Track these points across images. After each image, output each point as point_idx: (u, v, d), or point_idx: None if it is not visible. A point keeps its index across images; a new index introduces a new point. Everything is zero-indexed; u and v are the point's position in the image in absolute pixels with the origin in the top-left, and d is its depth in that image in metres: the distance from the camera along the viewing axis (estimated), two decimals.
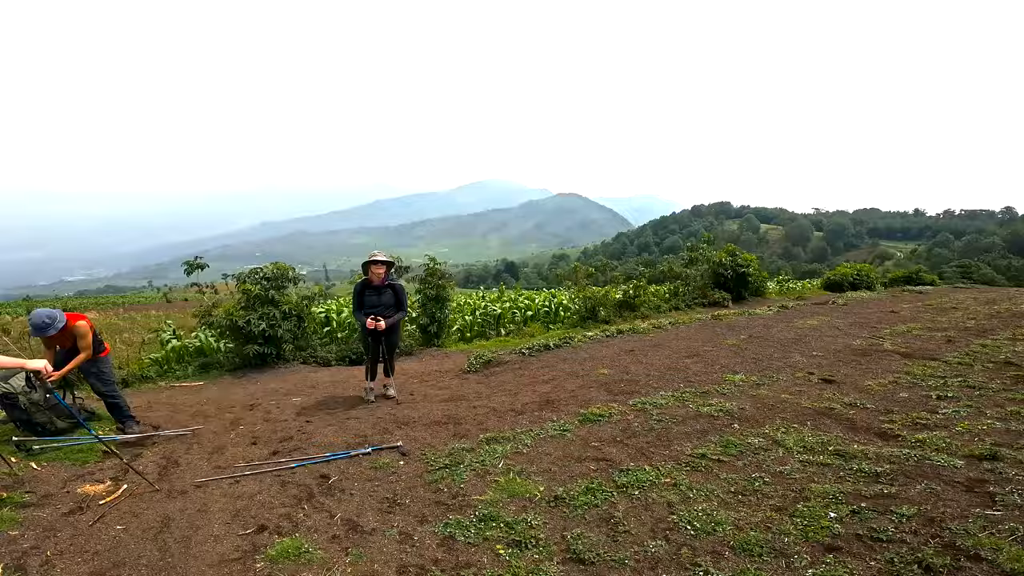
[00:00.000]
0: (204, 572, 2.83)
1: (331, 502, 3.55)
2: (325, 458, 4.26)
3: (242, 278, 8.44)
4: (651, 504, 3.21)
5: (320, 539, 3.10)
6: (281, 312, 8.26)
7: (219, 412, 5.97)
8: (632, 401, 5.16)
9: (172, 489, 3.88)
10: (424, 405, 5.66)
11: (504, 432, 4.55)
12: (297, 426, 5.18)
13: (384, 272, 5.66)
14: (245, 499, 3.65)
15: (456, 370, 7.43)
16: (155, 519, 3.42)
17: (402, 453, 4.29)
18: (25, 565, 2.91)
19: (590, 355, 7.43)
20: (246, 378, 7.92)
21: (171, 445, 4.85)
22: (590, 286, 11.22)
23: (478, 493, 3.49)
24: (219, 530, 3.26)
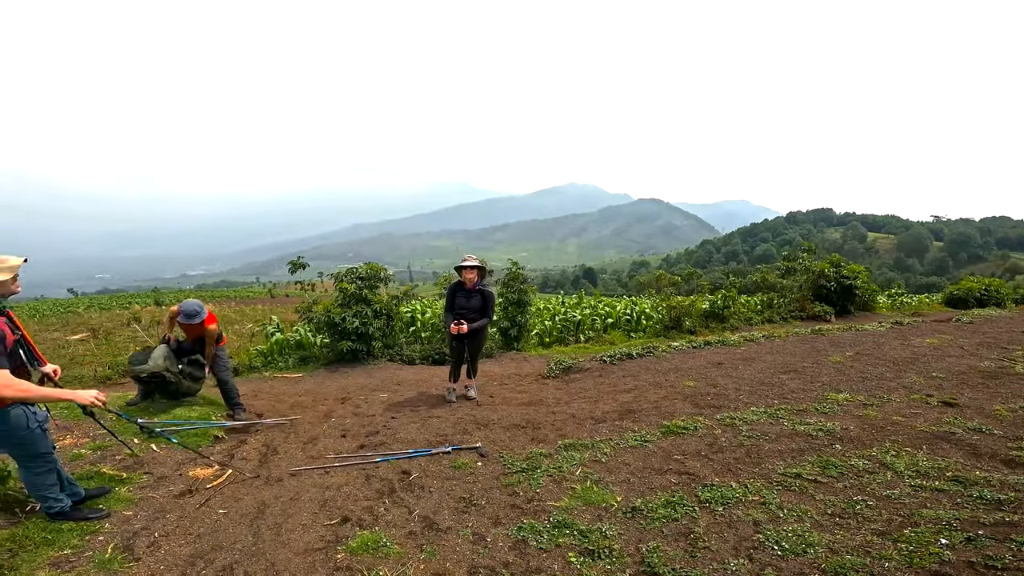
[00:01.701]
0: (290, 560, 2.97)
1: (410, 498, 3.63)
2: (408, 455, 4.37)
3: (339, 277, 8.95)
4: (735, 522, 3.06)
5: (397, 534, 3.18)
6: (373, 310, 8.65)
7: (314, 403, 6.32)
8: (719, 415, 4.92)
9: (270, 476, 4.11)
10: (503, 408, 5.68)
11: (583, 439, 4.48)
12: (383, 422, 5.37)
13: (475, 277, 5.73)
14: (332, 490, 3.81)
15: (535, 375, 7.42)
16: (252, 505, 3.63)
17: (481, 454, 4.33)
18: (133, 545, 3.13)
19: (674, 366, 7.15)
20: (339, 372, 8.34)
21: (272, 433, 5.17)
22: (674, 295, 10.80)
23: (553, 499, 3.46)
24: (307, 519, 3.41)
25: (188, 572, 2.86)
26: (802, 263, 13.21)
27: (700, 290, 12.39)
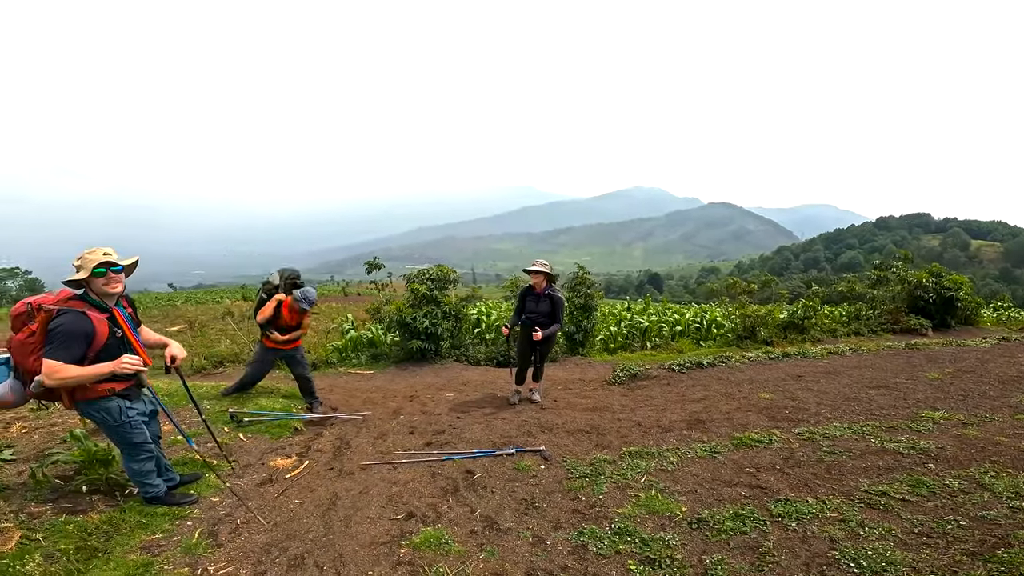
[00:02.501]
0: (356, 552, 3.06)
1: (473, 497, 3.67)
2: (472, 454, 4.43)
3: (410, 278, 9.23)
4: (809, 537, 2.93)
5: (459, 532, 3.22)
6: (442, 311, 8.86)
7: (384, 400, 6.54)
8: (798, 429, 4.68)
9: (342, 469, 4.26)
10: (567, 412, 5.64)
11: (648, 447, 4.40)
12: (449, 421, 5.46)
13: (543, 281, 5.71)
14: (400, 485, 3.91)
15: (599, 380, 7.33)
16: (325, 496, 3.78)
17: (544, 457, 4.32)
18: (217, 532, 3.28)
19: (749, 377, 6.83)
20: (407, 370, 8.58)
21: (345, 427, 5.38)
22: (749, 303, 10.29)
23: (616, 506, 3.41)
24: (375, 513, 3.51)
25: (263, 560, 2.99)
26: (896, 272, 12.21)
27: (778, 299, 11.74)
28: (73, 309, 3.05)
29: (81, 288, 3.14)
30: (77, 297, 3.13)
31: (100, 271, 3.08)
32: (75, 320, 3.02)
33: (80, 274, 3.07)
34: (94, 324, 3.06)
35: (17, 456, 4.23)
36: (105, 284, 3.12)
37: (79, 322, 3.02)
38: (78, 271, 3.08)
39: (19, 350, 3.12)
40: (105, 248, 3.16)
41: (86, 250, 3.14)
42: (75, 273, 3.10)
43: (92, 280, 3.10)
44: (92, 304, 3.12)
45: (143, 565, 2.89)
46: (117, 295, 3.22)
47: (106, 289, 3.13)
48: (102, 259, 3.10)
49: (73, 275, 3.10)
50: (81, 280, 3.10)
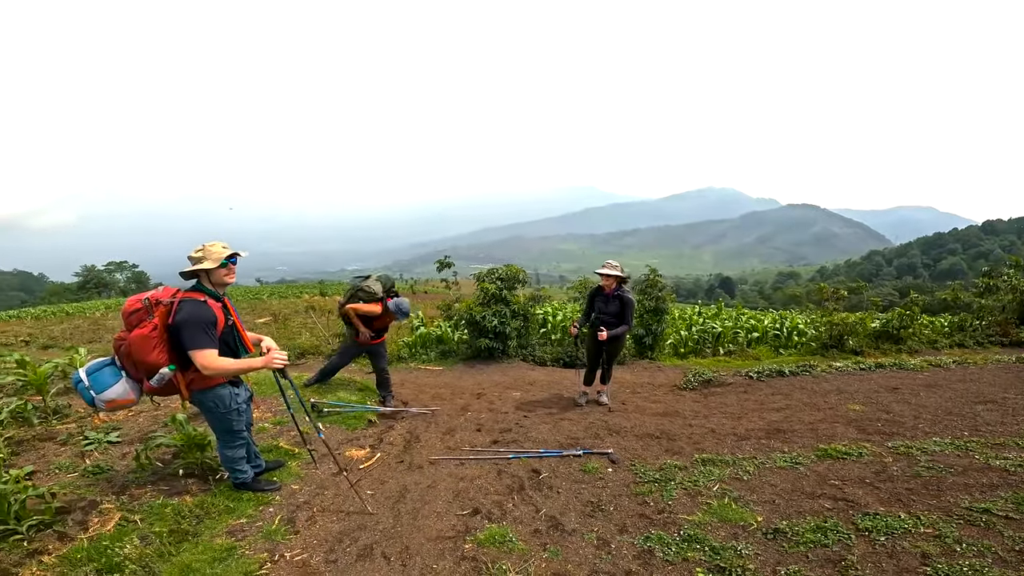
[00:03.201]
0: (422, 545, 3.12)
1: (539, 497, 3.67)
2: (539, 454, 4.42)
3: (481, 277, 9.36)
4: (898, 552, 2.77)
5: (523, 531, 3.23)
6: (511, 311, 8.92)
7: (452, 396, 6.65)
8: (891, 443, 4.36)
9: (412, 463, 4.37)
10: (636, 416, 5.53)
11: (723, 455, 4.24)
12: (515, 419, 5.48)
13: (612, 283, 5.64)
14: (466, 481, 3.95)
15: (669, 385, 7.11)
16: (396, 488, 3.88)
17: (612, 460, 4.26)
18: (295, 518, 3.42)
19: (836, 387, 6.39)
20: (475, 368, 8.70)
21: (415, 421, 5.52)
22: (838, 310, 9.59)
23: (686, 512, 3.33)
24: (442, 507, 3.57)
25: (335, 548, 3.10)
26: (1007, 280, 10.99)
27: (869, 307, 10.88)
28: (194, 299, 3.15)
29: (193, 279, 3.26)
30: (192, 288, 3.24)
31: (225, 262, 3.20)
32: (200, 309, 3.11)
33: (206, 264, 3.15)
34: (215, 313, 3.16)
35: (122, 439, 4.58)
36: (225, 275, 3.25)
37: (204, 311, 3.11)
38: (200, 262, 3.16)
39: (141, 346, 3.09)
40: (221, 242, 3.27)
41: (206, 243, 3.25)
42: (196, 264, 3.17)
43: (214, 271, 3.20)
44: (208, 294, 3.22)
45: (227, 550, 3.03)
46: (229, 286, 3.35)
47: (225, 279, 3.26)
48: (227, 252, 3.22)
49: (195, 266, 3.18)
50: (196, 271, 3.19)
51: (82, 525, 3.22)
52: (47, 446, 4.45)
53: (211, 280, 3.25)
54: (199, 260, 3.17)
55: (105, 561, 2.85)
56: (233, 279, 3.33)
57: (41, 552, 2.96)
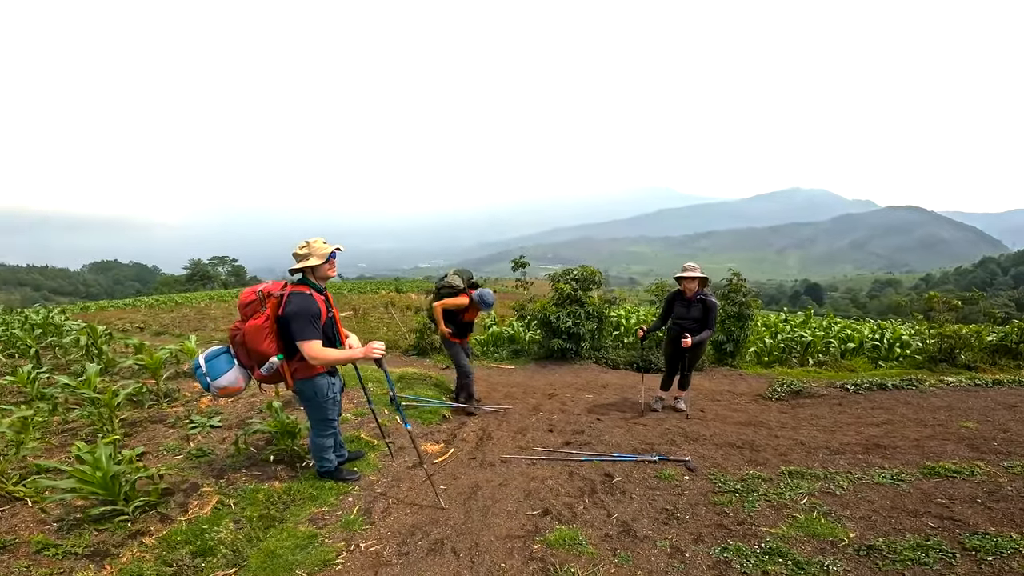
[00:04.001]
0: (491, 543, 3.11)
1: (611, 501, 3.59)
2: (612, 457, 4.33)
3: (555, 277, 9.34)
4: (1006, 572, 2.54)
5: (593, 534, 3.16)
6: (585, 312, 8.83)
7: (524, 396, 6.66)
8: (1008, 463, 3.90)
9: (484, 460, 4.40)
10: (716, 424, 5.28)
11: (813, 469, 3.96)
12: (588, 422, 5.40)
13: (695, 287, 5.43)
14: (537, 481, 3.93)
15: (752, 394, 6.74)
16: (468, 485, 3.91)
17: (689, 468, 4.10)
18: (372, 509, 3.52)
19: (946, 403, 5.78)
20: (547, 368, 8.68)
21: (487, 419, 5.57)
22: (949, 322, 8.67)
23: (769, 525, 3.15)
24: (512, 506, 3.56)
25: (407, 541, 3.16)
26: None
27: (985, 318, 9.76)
28: (302, 292, 3.31)
29: (299, 273, 3.43)
30: (299, 282, 3.42)
31: (328, 257, 3.37)
32: (307, 302, 3.26)
33: (312, 260, 3.31)
34: (319, 305, 3.33)
35: (223, 423, 4.93)
36: (328, 269, 3.42)
37: (311, 303, 3.27)
38: (306, 258, 3.32)
39: (254, 335, 3.27)
40: (322, 238, 3.43)
41: (310, 239, 3.40)
42: (302, 260, 3.33)
43: (319, 266, 3.36)
44: (313, 287, 3.39)
45: (308, 537, 3.17)
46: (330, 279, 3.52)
47: (328, 274, 3.44)
48: (331, 249, 3.38)
49: (301, 262, 3.33)
50: (302, 266, 3.34)
51: (183, 507, 3.44)
52: (157, 428, 4.86)
53: (315, 275, 3.41)
54: (305, 256, 3.33)
55: (200, 544, 3.03)
56: (334, 273, 3.50)
57: (143, 533, 3.15)
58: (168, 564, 2.89)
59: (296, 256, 3.38)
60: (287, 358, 3.37)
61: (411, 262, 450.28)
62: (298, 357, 3.33)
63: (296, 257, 3.38)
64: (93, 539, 3.09)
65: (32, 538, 3.06)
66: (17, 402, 5.34)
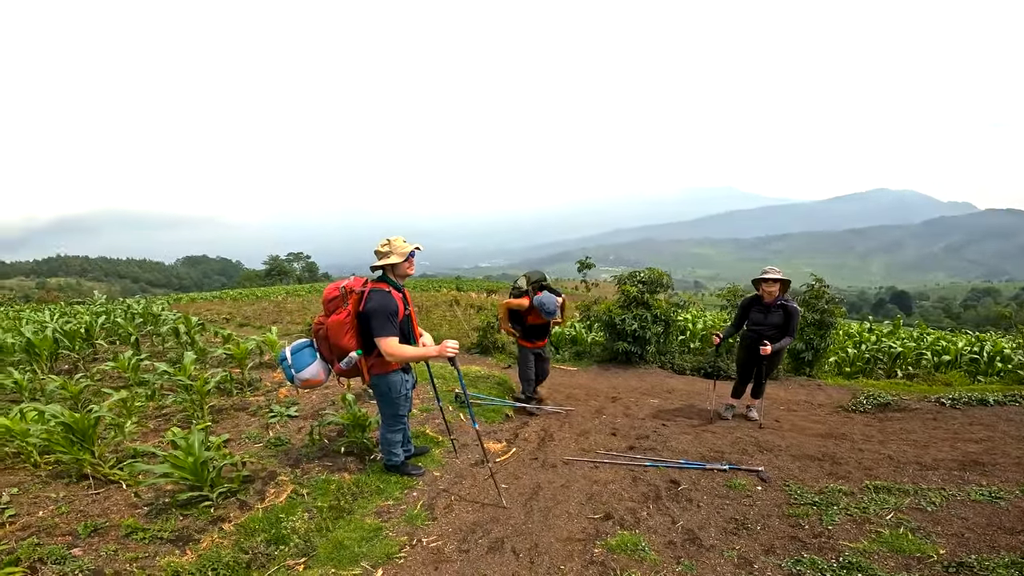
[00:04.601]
0: (551, 545, 3.08)
1: (676, 508, 3.50)
2: (678, 464, 4.21)
3: (622, 279, 9.19)
4: None
5: (657, 541, 3.09)
6: (652, 315, 8.63)
7: (587, 398, 6.58)
8: None
9: (545, 461, 4.36)
10: (792, 435, 5.00)
11: (901, 484, 3.70)
12: (653, 427, 5.26)
13: (776, 291, 5.17)
14: (600, 485, 3.86)
15: (832, 406, 6.34)
16: (529, 485, 3.89)
17: (762, 478, 3.92)
18: (434, 505, 3.55)
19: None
20: (610, 371, 8.56)
21: (549, 420, 5.54)
22: None
23: (849, 539, 3.00)
24: (573, 509, 3.51)
25: (467, 538, 3.17)
26: None
27: None
28: (381, 289, 3.37)
29: (379, 271, 3.49)
30: (379, 279, 3.48)
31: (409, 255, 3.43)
32: (386, 299, 3.32)
33: (393, 258, 3.39)
34: (397, 303, 3.38)
35: (299, 413, 5.13)
36: (407, 267, 3.48)
37: (390, 301, 3.32)
38: (387, 256, 3.40)
39: (336, 330, 3.36)
40: (402, 236, 3.49)
41: (391, 237, 3.47)
42: (383, 258, 3.41)
43: (399, 264, 3.42)
44: (392, 285, 3.45)
45: (374, 530, 3.23)
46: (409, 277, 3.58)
47: (407, 272, 3.51)
48: (411, 248, 3.43)
49: (382, 260, 3.41)
50: (383, 263, 3.41)
51: (260, 495, 3.58)
52: (240, 416, 5.12)
53: (395, 272, 3.47)
54: (386, 254, 3.41)
55: (274, 533, 3.13)
56: (413, 271, 3.55)
57: (223, 520, 3.28)
58: (244, 551, 2.98)
59: (377, 253, 3.45)
60: (365, 353, 3.46)
61: (471, 261, 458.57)
62: (375, 353, 3.41)
63: (377, 254, 3.45)
64: (178, 524, 3.22)
65: (123, 521, 3.19)
66: (118, 387, 5.78)
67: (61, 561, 2.80)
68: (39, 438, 3.77)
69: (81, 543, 2.99)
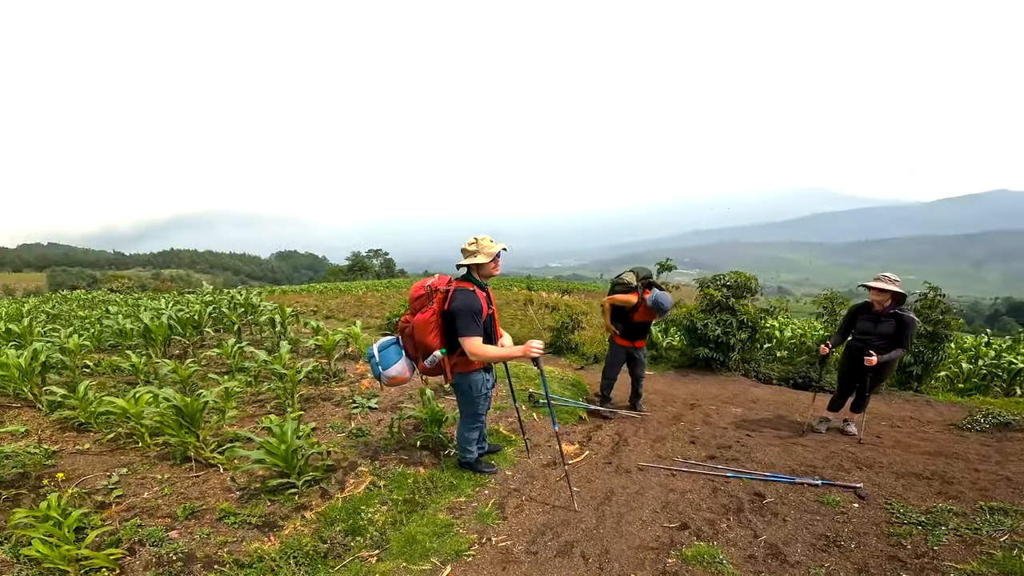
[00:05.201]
0: (623, 552, 3.00)
1: (759, 521, 3.35)
2: (765, 477, 3.99)
3: (704, 283, 8.85)
4: None
5: (736, 554, 2.97)
6: (738, 321, 8.23)
7: (663, 404, 6.37)
8: None
9: (620, 466, 4.27)
10: (896, 452, 4.61)
11: (1021, 506, 3.37)
12: (736, 437, 5.03)
13: (886, 300, 4.77)
14: (676, 493, 3.74)
15: (943, 423, 5.76)
16: (601, 489, 3.81)
17: (859, 495, 3.67)
18: (505, 504, 3.54)
19: None
20: (687, 377, 8.26)
21: (623, 424, 5.42)
22: None
23: (955, 560, 2.82)
24: (647, 516, 3.42)
25: (537, 540, 3.14)
26: None
27: None
28: (466, 289, 3.36)
29: (464, 270, 3.48)
30: (464, 278, 3.47)
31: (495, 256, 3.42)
32: (471, 299, 3.31)
33: (480, 258, 3.36)
34: (481, 302, 3.36)
35: (379, 405, 5.29)
36: (493, 268, 3.46)
37: (474, 300, 3.31)
38: (475, 255, 3.38)
39: (422, 328, 3.36)
40: (489, 236, 3.47)
41: (478, 236, 3.44)
42: (470, 257, 3.39)
43: (484, 264, 3.40)
44: (476, 284, 3.44)
45: (445, 526, 3.26)
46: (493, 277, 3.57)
47: (492, 272, 3.50)
48: (499, 248, 3.42)
49: (469, 259, 3.39)
50: (469, 263, 3.40)
51: (340, 485, 3.68)
52: (325, 406, 5.33)
53: (480, 272, 3.46)
54: (473, 253, 3.40)
55: (352, 523, 3.21)
56: (498, 272, 3.54)
57: (305, 507, 3.38)
58: (323, 540, 3.05)
59: (464, 252, 3.43)
60: (448, 352, 3.46)
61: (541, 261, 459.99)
62: (458, 352, 3.41)
63: (464, 253, 3.43)
64: (265, 509, 3.32)
65: (217, 505, 3.31)
66: (221, 372, 6.24)
67: (159, 543, 2.93)
68: (152, 420, 3.99)
69: (178, 525, 3.13)
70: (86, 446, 4.25)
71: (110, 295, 22.52)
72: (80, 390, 4.61)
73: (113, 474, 3.71)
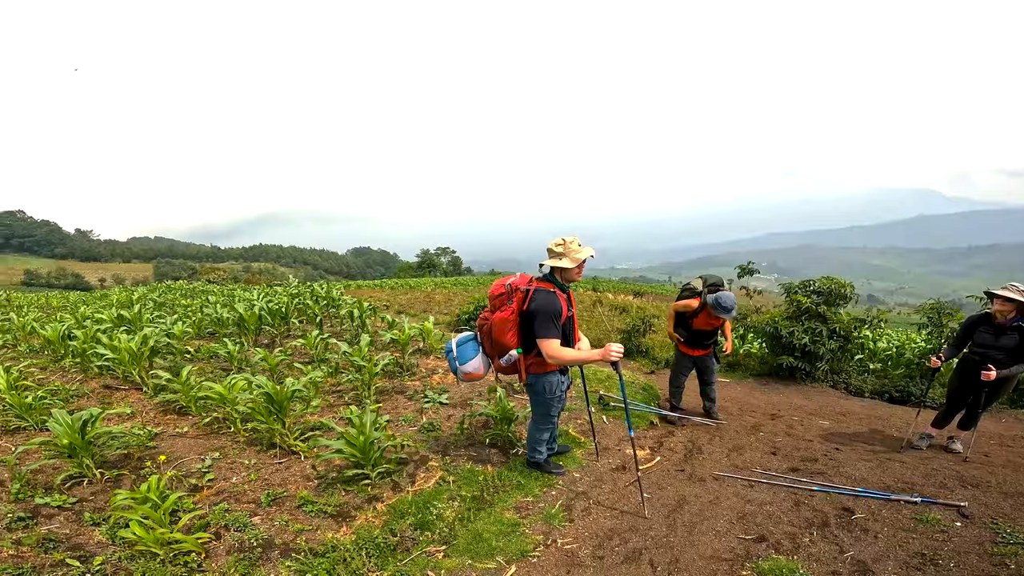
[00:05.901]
0: (694, 562, 2.89)
1: (846, 537, 3.14)
2: (855, 492, 3.74)
3: (792, 289, 8.42)
4: None
5: (818, 570, 2.81)
6: (828, 329, 7.75)
7: (740, 413, 6.11)
8: None
9: (693, 474, 4.13)
10: (1006, 472, 4.19)
11: None
12: (823, 450, 4.74)
13: (1012, 311, 4.35)
14: (754, 505, 3.58)
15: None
16: (673, 497, 3.69)
17: (962, 514, 3.39)
18: (572, 507, 3.50)
19: None
20: (768, 386, 7.89)
21: (697, 431, 5.24)
22: None
23: None
24: (722, 527, 3.28)
25: (603, 545, 3.08)
26: None
27: None
28: (547, 289, 3.32)
29: (546, 269, 3.43)
30: (545, 278, 3.42)
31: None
32: (550, 300, 3.27)
33: (565, 262, 3.29)
34: (561, 304, 3.32)
35: (449, 401, 5.36)
36: (576, 273, 3.39)
37: (554, 301, 3.27)
38: (561, 258, 3.31)
39: (500, 327, 3.34)
40: (577, 239, 3.40)
41: (566, 238, 3.37)
42: (556, 259, 3.32)
43: (569, 269, 3.33)
44: (557, 286, 3.39)
45: (511, 525, 3.26)
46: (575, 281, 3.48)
47: (575, 277, 3.41)
48: (587, 255, 3.35)
49: (555, 261, 3.33)
50: (554, 265, 3.34)
51: (411, 478, 3.74)
52: (399, 399, 5.48)
53: (563, 275, 3.40)
54: (559, 256, 3.32)
55: (421, 517, 3.25)
56: (580, 277, 3.47)
57: (377, 499, 3.43)
58: (393, 533, 3.09)
59: (550, 252, 3.37)
60: (525, 352, 3.43)
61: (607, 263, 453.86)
62: (535, 352, 3.37)
63: (550, 253, 3.37)
64: (340, 499, 3.38)
65: (298, 493, 3.40)
66: (304, 362, 6.54)
67: (242, 528, 3.01)
68: (245, 407, 4.13)
69: (261, 511, 3.23)
70: (184, 429, 4.51)
71: (208, 285, 24.38)
72: (183, 375, 4.89)
73: (207, 458, 3.87)
